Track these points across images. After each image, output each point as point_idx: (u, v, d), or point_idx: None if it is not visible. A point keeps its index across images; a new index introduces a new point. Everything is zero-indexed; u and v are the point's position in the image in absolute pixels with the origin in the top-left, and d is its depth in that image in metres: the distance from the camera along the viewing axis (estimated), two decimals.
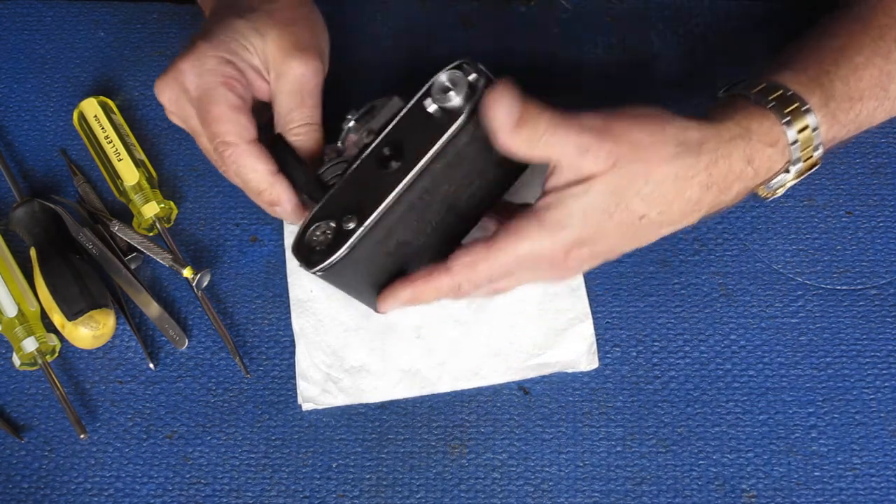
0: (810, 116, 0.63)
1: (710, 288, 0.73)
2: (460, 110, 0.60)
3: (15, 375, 0.72)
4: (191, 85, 0.66)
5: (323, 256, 0.61)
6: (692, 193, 0.61)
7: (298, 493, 0.68)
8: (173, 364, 0.72)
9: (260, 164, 0.65)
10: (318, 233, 0.62)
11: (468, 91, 0.60)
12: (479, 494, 0.67)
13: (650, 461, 0.68)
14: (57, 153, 0.79)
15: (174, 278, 0.74)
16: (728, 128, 0.62)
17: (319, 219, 0.62)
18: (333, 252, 0.61)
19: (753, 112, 0.63)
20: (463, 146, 0.61)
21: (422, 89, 0.61)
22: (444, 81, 0.60)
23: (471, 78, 0.60)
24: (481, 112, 0.59)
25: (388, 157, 0.61)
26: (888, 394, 0.69)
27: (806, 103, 0.63)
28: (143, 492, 0.68)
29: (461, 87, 0.60)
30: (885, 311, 0.72)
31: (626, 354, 0.71)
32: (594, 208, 0.60)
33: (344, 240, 0.61)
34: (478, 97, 0.60)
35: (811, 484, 0.67)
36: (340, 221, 0.61)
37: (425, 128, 0.60)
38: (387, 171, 0.61)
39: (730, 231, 0.75)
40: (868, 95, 0.65)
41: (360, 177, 0.62)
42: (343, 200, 0.62)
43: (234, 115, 0.65)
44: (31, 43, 0.84)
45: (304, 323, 0.72)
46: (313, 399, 0.70)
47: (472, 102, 0.60)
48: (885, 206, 0.75)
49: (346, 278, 0.64)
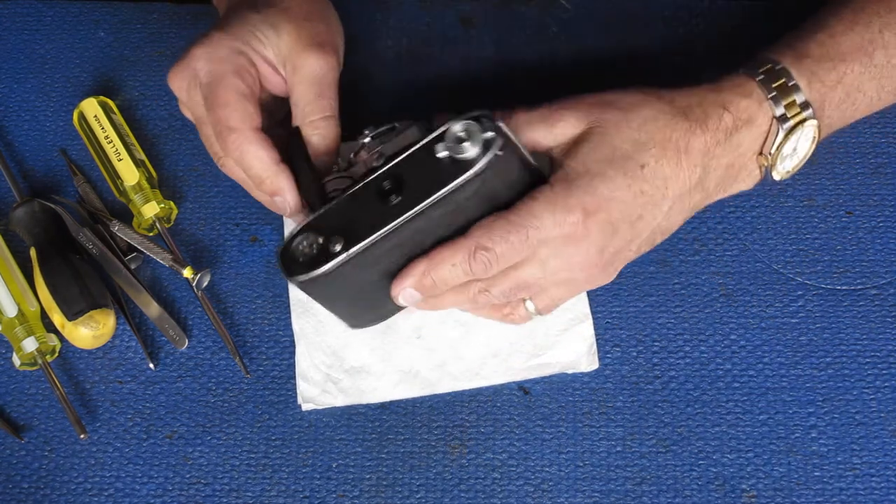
0: (783, 72, 0.65)
1: (710, 288, 0.73)
2: (470, 164, 0.59)
3: (15, 375, 0.72)
4: (201, 71, 0.66)
5: (303, 269, 0.61)
6: (678, 137, 0.63)
7: (298, 493, 0.68)
8: (173, 364, 0.72)
9: (263, 151, 0.65)
10: (305, 244, 0.61)
11: (481, 147, 0.59)
12: (479, 494, 0.67)
13: (650, 461, 0.68)
14: (57, 153, 0.79)
15: (174, 278, 0.74)
16: (698, 89, 0.66)
17: (309, 230, 0.62)
18: (313, 268, 0.60)
19: (723, 76, 0.67)
20: (464, 199, 0.60)
21: (435, 132, 0.60)
22: (458, 132, 0.59)
23: (486, 135, 0.59)
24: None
25: (389, 191, 0.60)
26: (888, 394, 0.69)
27: (779, 63, 0.66)
28: (143, 492, 0.68)
29: (475, 140, 0.59)
30: (885, 311, 0.72)
31: (626, 354, 0.71)
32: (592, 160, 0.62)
33: (326, 260, 0.60)
34: (491, 158, 0.59)
35: (811, 484, 0.67)
36: (328, 240, 0.61)
37: (431, 172, 0.59)
38: (385, 203, 0.60)
39: (730, 231, 0.75)
40: (851, 59, 0.67)
41: (359, 201, 0.61)
42: (336, 219, 0.61)
43: (240, 101, 0.65)
44: (31, 43, 0.84)
45: (304, 323, 0.72)
46: (313, 399, 0.70)
47: (485, 162, 0.59)
48: (885, 206, 0.75)
49: (322, 294, 0.64)
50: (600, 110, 0.63)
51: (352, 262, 0.60)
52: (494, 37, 0.83)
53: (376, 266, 0.62)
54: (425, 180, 0.59)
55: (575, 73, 0.81)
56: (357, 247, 0.60)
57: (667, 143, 0.63)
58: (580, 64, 0.81)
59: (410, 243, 0.61)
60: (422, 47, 0.83)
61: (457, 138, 0.59)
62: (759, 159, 0.66)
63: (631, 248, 0.64)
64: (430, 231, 0.61)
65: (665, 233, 0.66)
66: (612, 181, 0.62)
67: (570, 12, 0.84)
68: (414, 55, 0.82)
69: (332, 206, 0.62)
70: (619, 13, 0.83)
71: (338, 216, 0.62)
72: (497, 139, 0.59)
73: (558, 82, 0.81)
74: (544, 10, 0.84)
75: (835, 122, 0.69)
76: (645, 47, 0.82)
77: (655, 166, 0.63)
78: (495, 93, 0.81)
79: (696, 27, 0.83)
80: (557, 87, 0.81)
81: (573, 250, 0.62)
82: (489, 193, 0.60)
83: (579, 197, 0.61)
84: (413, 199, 0.59)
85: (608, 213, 0.62)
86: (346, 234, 0.60)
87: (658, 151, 0.63)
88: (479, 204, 0.61)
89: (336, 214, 0.62)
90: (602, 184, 0.61)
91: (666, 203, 0.64)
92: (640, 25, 0.83)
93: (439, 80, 0.81)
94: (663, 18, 0.83)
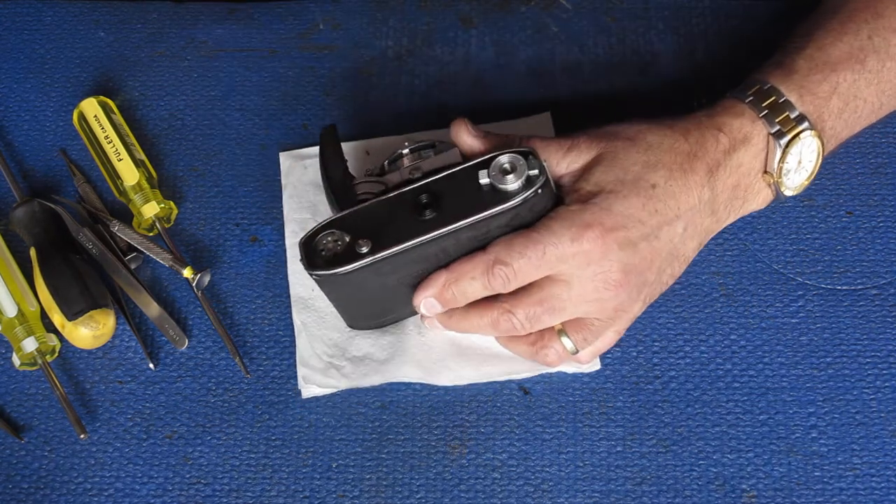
0: (772, 90, 0.66)
1: (710, 288, 0.73)
2: (510, 196, 0.62)
3: (15, 375, 0.72)
4: None
5: (326, 264, 0.63)
6: (682, 160, 0.65)
7: (298, 493, 0.68)
8: (173, 364, 0.72)
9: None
10: (330, 239, 0.63)
11: (524, 182, 0.62)
12: (479, 494, 0.67)
13: (650, 461, 0.68)
14: (57, 153, 0.79)
15: (174, 278, 0.74)
16: (692, 115, 0.67)
17: (336, 227, 0.63)
18: (336, 265, 0.62)
19: (716, 103, 0.68)
20: (495, 227, 0.63)
21: (481, 158, 0.63)
22: (505, 163, 0.62)
23: (531, 172, 0.62)
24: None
25: (426, 204, 0.63)
26: (888, 394, 0.69)
27: (767, 82, 0.67)
28: (143, 492, 0.68)
29: (520, 175, 0.62)
30: (885, 311, 0.72)
31: (626, 354, 0.71)
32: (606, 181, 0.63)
33: (351, 259, 0.62)
34: (531, 194, 0.62)
35: (811, 484, 0.67)
36: (356, 240, 0.62)
37: (470, 196, 0.62)
38: (419, 216, 0.62)
39: (730, 231, 0.75)
40: (842, 68, 0.67)
41: (392, 208, 0.63)
42: (366, 221, 0.63)
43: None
44: (31, 43, 0.84)
45: (305, 318, 0.72)
46: (315, 382, 0.70)
47: (525, 196, 0.62)
48: (885, 206, 0.75)
49: (335, 291, 0.66)
50: (608, 140, 0.65)
51: (374, 266, 0.62)
52: (494, 37, 0.83)
53: (394, 274, 0.64)
54: (463, 202, 0.62)
55: (575, 74, 0.81)
56: (384, 252, 0.62)
57: (673, 165, 0.64)
58: (580, 64, 0.81)
59: (433, 258, 0.64)
60: (422, 47, 0.83)
61: (502, 169, 0.62)
62: (765, 177, 0.67)
63: (652, 269, 0.65)
64: (454, 250, 0.64)
65: (683, 260, 0.67)
66: (627, 199, 0.63)
67: (570, 12, 0.84)
68: (414, 55, 0.82)
69: (363, 208, 0.64)
70: (619, 13, 0.83)
71: (368, 219, 0.63)
72: (540, 178, 0.62)
73: (558, 82, 0.81)
74: (544, 10, 0.84)
75: (840, 131, 0.69)
76: (645, 47, 0.82)
77: (665, 186, 0.64)
78: (495, 93, 0.81)
79: (696, 27, 0.83)
80: (557, 87, 0.81)
81: (595, 268, 0.63)
82: (518, 224, 0.63)
83: (596, 214, 0.62)
84: (448, 218, 0.62)
85: (626, 231, 0.63)
86: (375, 238, 0.62)
87: (666, 172, 0.64)
88: (505, 230, 0.63)
89: (366, 217, 0.63)
90: (617, 201, 0.63)
91: (680, 223, 0.65)
92: (640, 25, 0.83)
93: (439, 80, 0.81)
94: (663, 18, 0.83)
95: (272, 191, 0.77)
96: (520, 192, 0.62)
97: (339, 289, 0.65)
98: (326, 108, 0.80)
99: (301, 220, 0.75)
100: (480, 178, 0.62)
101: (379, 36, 0.83)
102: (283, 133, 0.80)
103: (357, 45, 0.83)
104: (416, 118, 0.80)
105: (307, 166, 0.77)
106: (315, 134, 0.79)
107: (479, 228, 0.63)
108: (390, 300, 0.67)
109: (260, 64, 0.82)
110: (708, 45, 0.82)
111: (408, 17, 0.84)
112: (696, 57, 0.81)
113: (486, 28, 0.83)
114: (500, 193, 0.62)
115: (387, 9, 0.84)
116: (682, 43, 0.82)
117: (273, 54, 0.83)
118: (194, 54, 0.83)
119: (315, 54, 0.83)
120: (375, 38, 0.83)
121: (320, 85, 0.82)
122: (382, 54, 0.82)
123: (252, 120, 0.80)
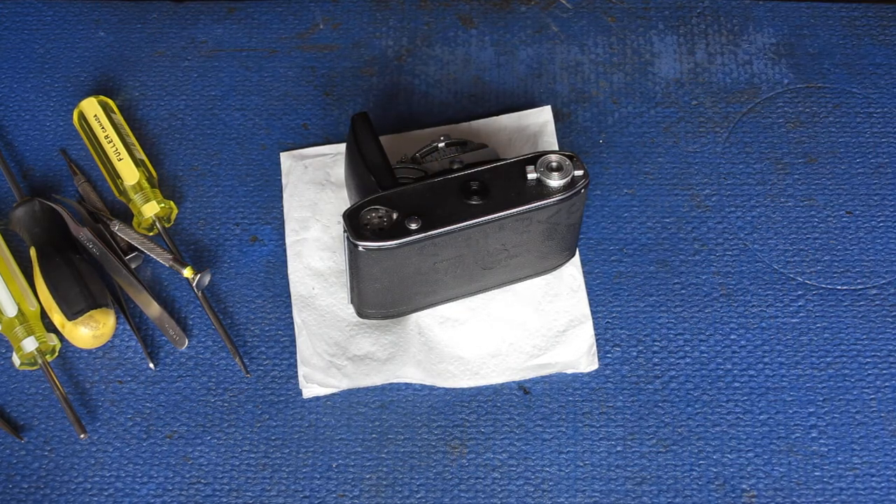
0: None
1: (710, 288, 0.73)
2: (555, 192, 0.66)
3: (15, 375, 0.72)
4: None
5: (374, 236, 0.64)
6: None
7: (298, 493, 0.68)
8: (173, 364, 0.72)
9: None
10: (375, 215, 0.65)
11: (570, 181, 0.66)
12: (479, 494, 0.67)
13: (650, 461, 0.68)
14: (57, 153, 0.79)
15: (174, 278, 0.74)
16: None
17: (382, 204, 0.65)
18: (386, 238, 0.64)
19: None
20: (535, 221, 0.67)
21: (529, 154, 0.67)
22: (553, 161, 0.66)
23: (577, 173, 0.66)
24: None
25: (475, 191, 0.66)
26: (888, 394, 0.69)
27: None
28: (143, 492, 0.68)
29: (566, 174, 0.66)
30: (885, 311, 0.72)
31: (626, 354, 0.71)
32: None
33: (401, 234, 0.64)
34: (573, 193, 0.66)
35: (811, 484, 0.67)
36: (404, 217, 0.64)
37: (518, 188, 0.66)
38: (467, 200, 0.65)
39: (730, 231, 0.75)
40: None
41: (438, 192, 0.66)
42: (412, 201, 0.66)
43: None
44: (31, 43, 0.84)
45: (306, 316, 0.72)
46: (316, 381, 0.70)
47: (569, 194, 0.66)
48: (885, 206, 0.75)
49: (374, 266, 0.66)
50: None
51: (422, 243, 0.65)
52: (494, 37, 0.83)
53: (435, 256, 0.66)
54: (510, 193, 0.66)
55: (575, 74, 0.81)
56: (434, 231, 0.65)
57: None
58: (580, 64, 0.81)
59: (474, 244, 0.67)
60: (422, 47, 0.83)
61: (551, 167, 0.66)
62: None
63: None
64: (494, 238, 0.67)
65: None
66: None
67: (570, 12, 0.84)
68: (414, 55, 0.82)
69: (408, 189, 0.66)
70: (618, 13, 0.84)
71: (415, 199, 0.66)
72: (584, 179, 0.66)
73: (558, 83, 0.81)
74: (544, 10, 0.84)
75: None
76: (645, 47, 0.82)
77: None
78: (495, 92, 0.81)
79: (696, 27, 0.83)
80: (557, 87, 0.81)
81: None
82: (555, 220, 0.67)
83: None
84: (495, 205, 0.65)
85: None
86: (426, 217, 0.65)
87: None
88: (542, 231, 0.68)
89: (413, 197, 0.66)
90: None
91: None
92: (640, 25, 0.83)
93: (439, 80, 0.81)
94: (663, 18, 0.83)
95: (272, 191, 0.77)
96: (565, 189, 0.65)
97: (378, 264, 0.66)
98: (326, 108, 0.81)
99: (301, 220, 0.75)
100: (528, 173, 0.66)
101: (379, 36, 0.83)
102: (283, 133, 0.80)
103: (357, 45, 0.83)
104: (416, 118, 0.80)
105: (307, 166, 0.77)
106: (315, 134, 0.79)
107: (521, 220, 0.66)
108: (418, 285, 0.68)
109: (260, 64, 0.83)
110: (708, 45, 0.82)
111: (408, 16, 0.84)
112: (696, 57, 0.81)
113: (486, 28, 0.83)
114: (546, 188, 0.66)
115: (387, 9, 0.84)
116: (682, 43, 0.82)
117: (273, 54, 0.83)
118: (194, 54, 0.83)
119: (315, 54, 0.83)
120: (375, 38, 0.83)
121: (320, 85, 0.82)
122: (382, 54, 0.83)
123: (252, 120, 0.80)
